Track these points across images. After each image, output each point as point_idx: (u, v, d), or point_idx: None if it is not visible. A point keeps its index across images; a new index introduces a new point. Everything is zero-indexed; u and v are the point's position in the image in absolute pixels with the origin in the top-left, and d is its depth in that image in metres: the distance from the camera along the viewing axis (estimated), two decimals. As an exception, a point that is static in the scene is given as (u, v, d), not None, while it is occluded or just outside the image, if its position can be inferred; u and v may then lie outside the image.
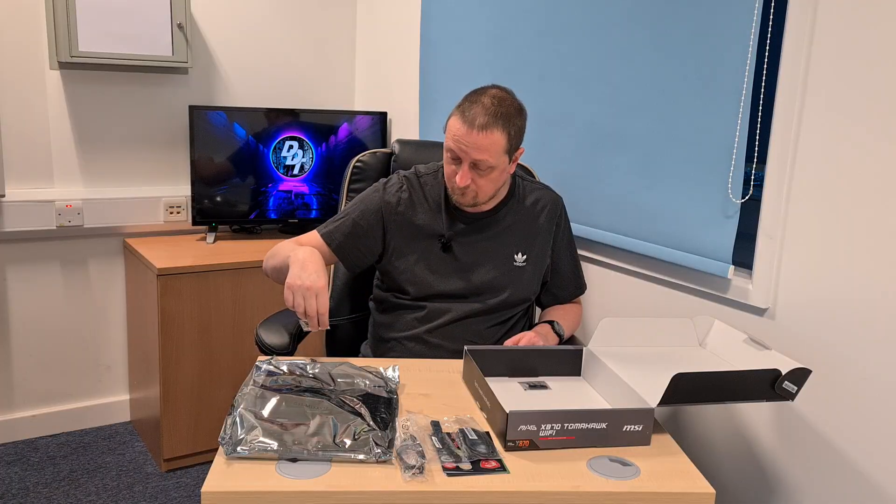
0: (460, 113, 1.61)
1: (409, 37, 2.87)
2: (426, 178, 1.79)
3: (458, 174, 1.62)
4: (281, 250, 1.70)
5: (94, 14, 2.49)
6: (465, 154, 1.60)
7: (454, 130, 1.61)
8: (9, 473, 2.54)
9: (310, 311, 1.52)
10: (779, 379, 1.32)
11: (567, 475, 1.19)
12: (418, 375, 1.55)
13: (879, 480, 1.46)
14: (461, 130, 1.59)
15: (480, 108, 1.59)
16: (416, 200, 1.76)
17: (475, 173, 1.63)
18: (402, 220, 1.74)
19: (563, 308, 1.88)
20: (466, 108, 1.61)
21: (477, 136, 1.58)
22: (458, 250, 1.74)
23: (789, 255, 1.59)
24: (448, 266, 1.73)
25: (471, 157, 1.60)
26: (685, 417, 1.89)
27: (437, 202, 1.76)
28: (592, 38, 2.04)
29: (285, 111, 2.87)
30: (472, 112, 1.59)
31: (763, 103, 1.62)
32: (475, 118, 1.58)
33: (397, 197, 1.75)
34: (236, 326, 2.60)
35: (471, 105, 1.61)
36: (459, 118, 1.60)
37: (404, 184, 1.77)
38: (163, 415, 2.53)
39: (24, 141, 2.61)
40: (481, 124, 1.58)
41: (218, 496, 1.10)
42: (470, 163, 1.61)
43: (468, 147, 1.59)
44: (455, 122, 1.61)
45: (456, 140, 1.60)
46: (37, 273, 2.72)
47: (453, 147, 1.61)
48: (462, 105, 1.63)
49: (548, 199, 1.83)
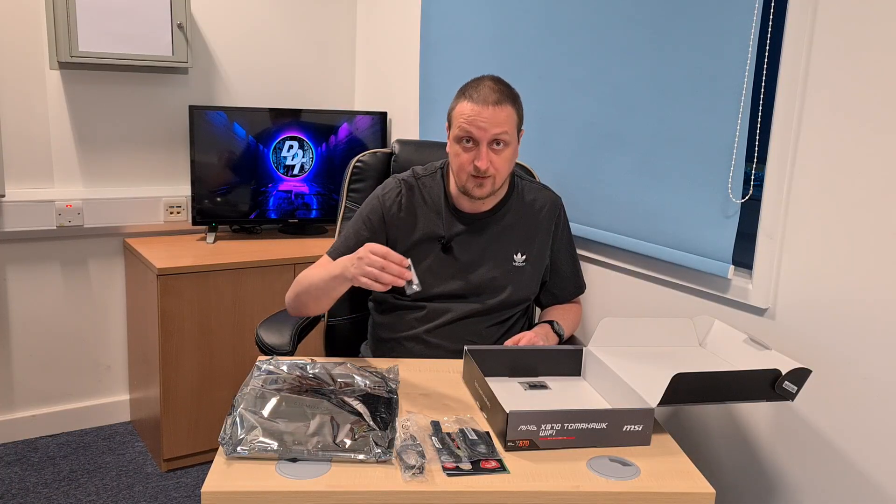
0: (468, 97, 1.62)
1: (409, 37, 2.87)
2: (424, 180, 1.79)
3: (478, 158, 1.61)
4: (302, 279, 1.68)
5: (94, 14, 2.49)
6: (483, 132, 1.60)
7: (467, 113, 1.61)
8: (9, 473, 2.54)
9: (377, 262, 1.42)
10: (779, 379, 1.32)
11: (567, 475, 1.19)
12: (418, 375, 1.55)
13: (879, 480, 1.46)
14: (476, 110, 1.60)
15: (487, 89, 1.61)
16: (415, 204, 1.76)
17: (493, 154, 1.62)
18: (403, 224, 1.74)
19: (562, 308, 1.88)
20: (473, 92, 1.62)
21: (493, 110, 1.59)
22: (458, 251, 1.74)
23: (789, 255, 1.59)
24: (448, 267, 1.73)
25: (490, 133, 1.60)
26: (685, 417, 1.89)
27: (436, 203, 1.76)
28: (592, 38, 2.04)
29: (285, 111, 2.87)
30: (481, 93, 1.61)
31: (763, 103, 1.62)
32: (487, 97, 1.60)
33: (397, 203, 1.75)
34: (236, 326, 2.60)
35: (476, 89, 1.62)
36: (469, 101, 1.61)
37: (401, 188, 1.77)
38: (163, 415, 2.53)
39: (24, 141, 2.61)
40: (495, 100, 1.60)
41: (218, 496, 1.10)
42: (488, 142, 1.61)
43: (486, 124, 1.59)
44: (466, 106, 1.62)
45: (471, 121, 1.60)
46: (37, 273, 2.72)
47: (470, 129, 1.61)
48: (466, 91, 1.64)
49: (547, 199, 1.83)
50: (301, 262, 2.67)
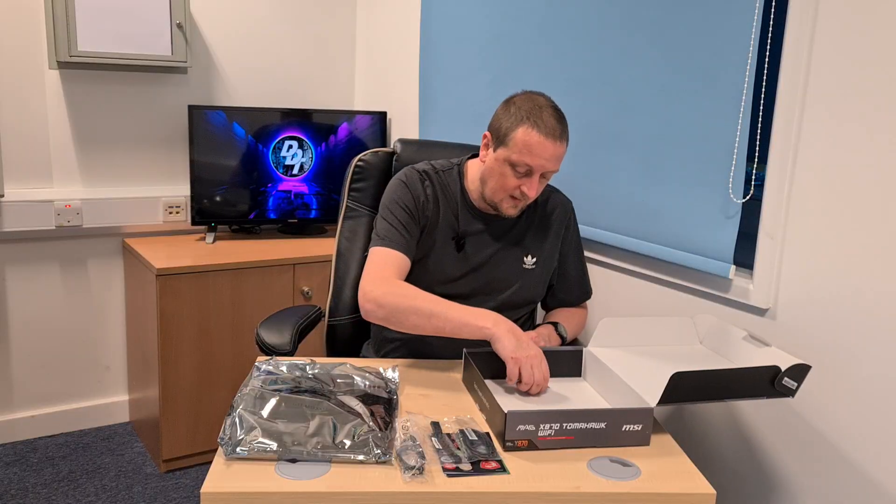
0: (534, 125, 1.54)
1: (409, 37, 2.87)
2: (442, 175, 1.76)
3: (528, 186, 1.58)
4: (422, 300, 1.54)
5: (94, 13, 2.49)
6: (542, 167, 1.57)
7: (533, 145, 1.54)
8: (8, 474, 2.53)
9: (538, 378, 1.43)
10: (778, 375, 1.32)
11: (567, 476, 1.18)
12: (418, 376, 1.55)
13: (879, 480, 1.46)
14: (542, 144, 1.54)
15: (553, 120, 1.56)
16: (438, 196, 1.73)
17: (541, 183, 1.62)
18: (430, 213, 1.72)
19: (568, 311, 1.87)
20: (537, 120, 1.55)
21: (557, 147, 1.56)
22: (470, 249, 1.73)
23: (790, 255, 1.59)
24: (458, 265, 1.72)
25: (547, 168, 1.58)
26: (686, 417, 1.89)
27: (453, 200, 1.74)
28: (593, 38, 2.03)
29: (285, 111, 2.86)
30: (547, 123, 1.55)
31: (764, 103, 1.62)
32: (553, 129, 1.55)
33: (423, 191, 1.72)
34: (236, 326, 2.59)
35: (539, 116, 1.55)
36: (535, 130, 1.54)
37: (425, 179, 1.74)
38: (162, 415, 2.52)
39: (23, 141, 2.61)
40: (559, 134, 1.56)
41: (217, 497, 1.09)
42: (541, 174, 1.59)
43: (549, 160, 1.56)
44: (532, 135, 1.54)
45: (535, 153, 1.55)
46: (36, 273, 2.71)
47: (531, 162, 1.56)
48: (530, 118, 1.55)
49: (558, 202, 1.82)
50: (301, 262, 2.67)
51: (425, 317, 1.52)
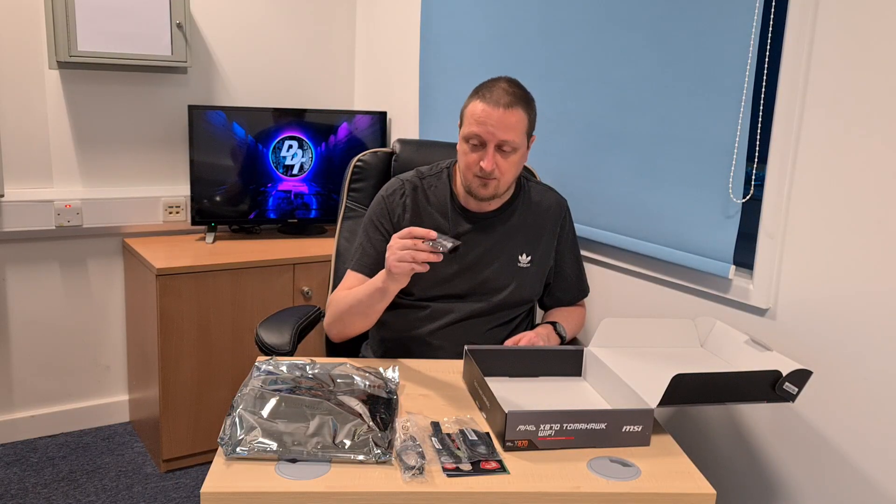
0: (481, 97, 1.61)
1: (409, 37, 2.86)
2: (430, 180, 1.78)
3: (484, 159, 1.61)
4: (340, 301, 1.67)
5: (93, 13, 2.49)
6: (491, 136, 1.60)
7: (478, 114, 1.60)
8: (8, 474, 2.53)
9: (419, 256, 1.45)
10: (779, 380, 1.32)
11: (567, 476, 1.18)
12: (418, 375, 1.55)
13: (879, 480, 1.46)
14: (486, 111, 1.59)
15: (501, 91, 1.61)
16: (419, 204, 1.75)
17: (500, 157, 1.62)
18: (409, 225, 1.73)
19: (566, 310, 1.87)
20: (486, 92, 1.61)
21: (503, 114, 1.59)
22: (464, 250, 1.73)
23: (790, 256, 1.59)
24: (453, 267, 1.73)
25: (498, 137, 1.60)
26: (686, 418, 1.89)
27: (442, 203, 1.75)
28: (592, 38, 2.03)
29: (285, 111, 2.86)
30: (494, 94, 1.60)
31: (764, 103, 1.62)
32: (499, 98, 1.59)
33: (402, 204, 1.75)
34: (235, 326, 2.59)
35: (490, 90, 1.62)
36: (482, 101, 1.61)
37: (405, 189, 1.76)
38: (162, 415, 2.52)
39: (23, 141, 2.61)
40: (506, 103, 1.59)
41: (217, 497, 1.09)
42: (496, 144, 1.61)
43: (495, 127, 1.59)
44: (478, 106, 1.61)
45: (481, 122, 1.60)
46: (36, 273, 2.71)
47: (478, 131, 1.60)
48: (480, 91, 1.63)
49: (553, 201, 1.82)
50: (300, 262, 2.67)
51: (352, 312, 1.63)
